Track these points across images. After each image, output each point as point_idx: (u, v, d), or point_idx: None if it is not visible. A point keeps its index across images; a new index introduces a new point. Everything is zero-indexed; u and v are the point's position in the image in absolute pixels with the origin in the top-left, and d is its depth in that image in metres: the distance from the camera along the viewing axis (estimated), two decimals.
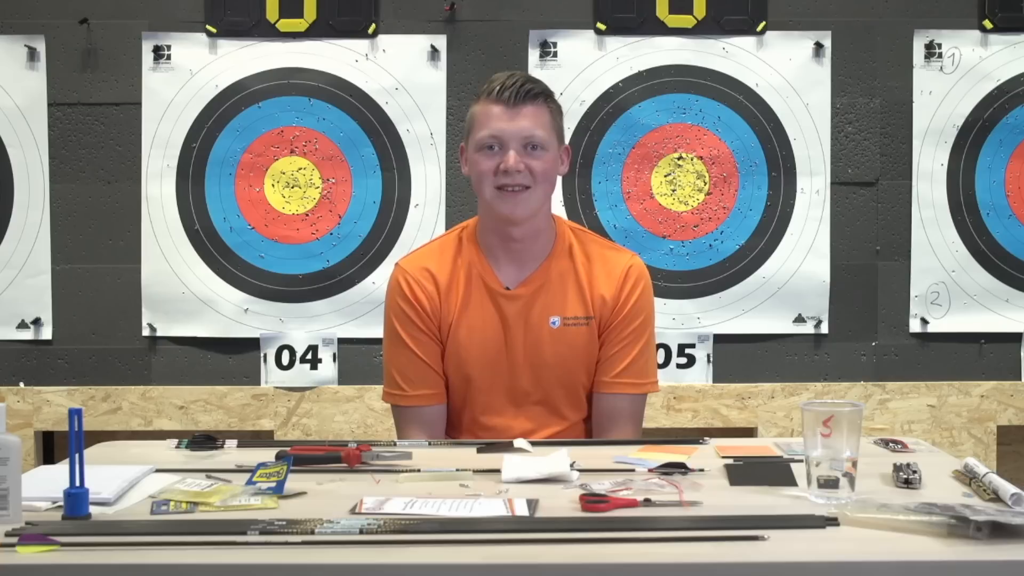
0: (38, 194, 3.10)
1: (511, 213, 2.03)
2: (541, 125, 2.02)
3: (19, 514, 1.40)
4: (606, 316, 2.09)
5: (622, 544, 1.30)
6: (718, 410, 3.10)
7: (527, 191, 2.01)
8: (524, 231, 2.07)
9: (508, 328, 2.08)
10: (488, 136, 2.02)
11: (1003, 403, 3.11)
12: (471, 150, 2.06)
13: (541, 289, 2.08)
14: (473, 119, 2.07)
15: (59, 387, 3.09)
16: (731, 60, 3.09)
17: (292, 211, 3.11)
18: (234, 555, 1.28)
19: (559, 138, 2.09)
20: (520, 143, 2.01)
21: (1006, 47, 3.10)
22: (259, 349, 3.12)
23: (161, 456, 1.85)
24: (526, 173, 2.00)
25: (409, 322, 2.09)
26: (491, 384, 2.08)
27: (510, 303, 2.08)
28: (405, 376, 2.09)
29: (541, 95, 2.05)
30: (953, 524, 1.31)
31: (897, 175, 3.12)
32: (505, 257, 2.09)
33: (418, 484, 1.62)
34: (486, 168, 2.02)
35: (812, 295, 3.12)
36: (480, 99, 2.06)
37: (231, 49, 3.09)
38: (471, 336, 2.08)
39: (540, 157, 2.02)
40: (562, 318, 2.08)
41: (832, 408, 1.49)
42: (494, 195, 2.02)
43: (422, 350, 2.08)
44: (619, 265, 2.12)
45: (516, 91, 2.01)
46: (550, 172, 2.05)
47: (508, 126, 2.01)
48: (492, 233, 2.09)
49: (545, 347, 2.07)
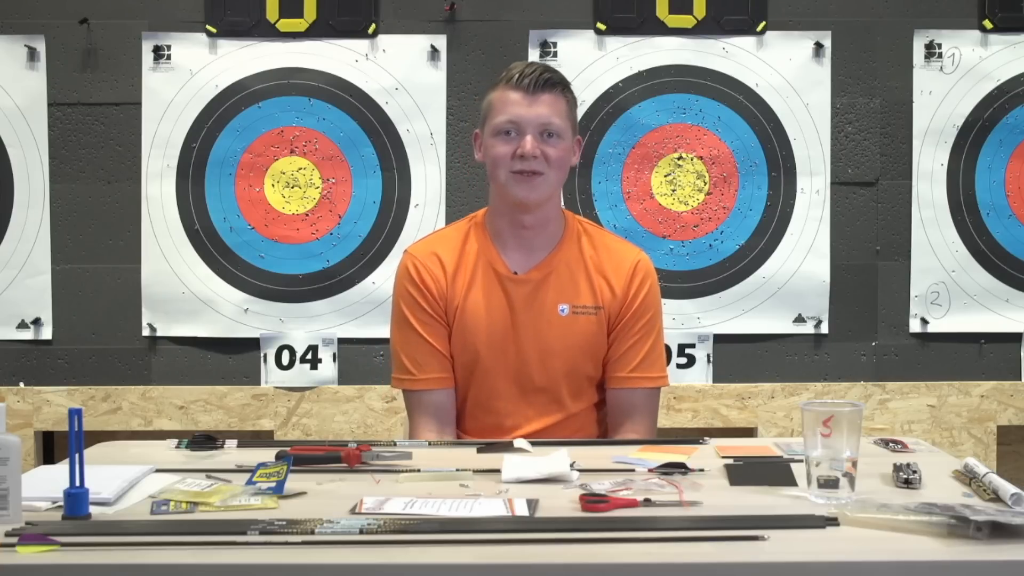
0: (38, 194, 3.10)
1: (525, 197, 2.05)
2: (558, 113, 2.05)
3: (19, 514, 1.40)
4: (615, 309, 2.11)
5: (622, 544, 1.30)
6: (718, 410, 3.10)
7: (540, 177, 2.04)
8: (535, 218, 2.09)
9: (515, 313, 2.09)
10: (506, 121, 2.04)
11: (1003, 403, 3.11)
12: (487, 135, 2.09)
13: (550, 276, 2.10)
14: (490, 105, 2.09)
15: (59, 387, 3.09)
16: (731, 60, 3.09)
17: (292, 211, 3.11)
18: (234, 555, 1.27)
19: (574, 128, 2.12)
20: (537, 130, 2.03)
21: (1006, 47, 3.10)
22: (259, 349, 3.12)
23: (161, 456, 1.85)
24: (541, 159, 2.03)
25: (417, 306, 2.10)
26: (496, 367, 2.09)
27: (518, 288, 2.09)
28: (414, 360, 2.11)
29: (559, 84, 2.08)
30: (953, 524, 1.31)
31: (897, 175, 3.12)
32: (514, 243, 2.12)
33: (418, 484, 1.62)
34: (502, 153, 2.04)
35: (812, 295, 3.12)
36: (498, 86, 2.08)
37: (231, 49, 3.09)
38: (477, 318, 2.09)
39: (556, 145, 2.05)
40: (571, 306, 2.09)
41: (832, 408, 1.49)
42: (509, 179, 2.05)
43: (430, 334, 2.10)
44: (627, 259, 2.14)
45: (536, 79, 2.04)
46: (564, 160, 2.08)
47: (526, 112, 2.03)
48: (503, 219, 2.11)
49: (553, 334, 2.09)
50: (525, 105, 2.03)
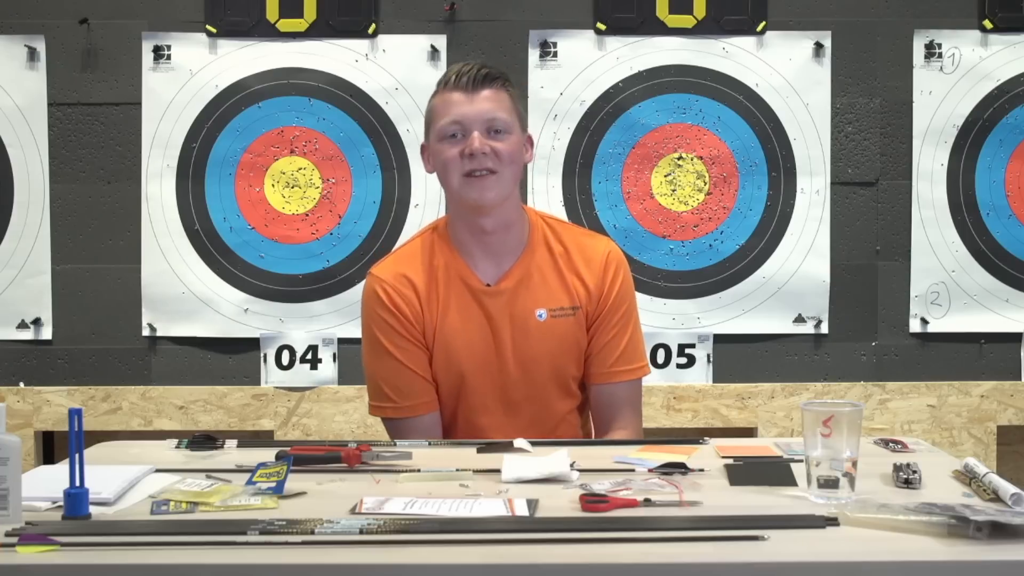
0: (38, 194, 3.10)
1: (480, 198, 2.00)
2: (502, 108, 2.01)
3: (19, 514, 1.40)
4: (592, 306, 2.08)
5: (622, 544, 1.30)
6: (718, 410, 3.10)
7: (494, 176, 1.99)
8: (495, 222, 2.04)
9: (494, 325, 2.06)
10: (450, 123, 2.00)
11: (1003, 403, 3.11)
12: (433, 142, 2.04)
13: (523, 283, 2.06)
14: (433, 111, 2.06)
15: (59, 387, 3.09)
16: (731, 60, 3.09)
17: (292, 211, 3.11)
18: (234, 555, 1.28)
19: (522, 124, 2.08)
20: (483, 126, 1.99)
21: (1006, 47, 3.10)
22: (259, 349, 3.12)
23: (161, 456, 1.85)
24: (492, 156, 1.98)
25: (392, 331, 2.05)
26: (483, 383, 2.07)
27: (493, 300, 2.06)
28: (393, 387, 2.06)
29: (499, 79, 2.04)
30: (953, 524, 1.31)
31: (897, 175, 3.12)
32: (480, 253, 2.07)
33: (418, 484, 1.62)
34: (451, 155, 2.00)
35: (812, 295, 3.12)
36: (437, 92, 2.06)
37: (231, 49, 3.09)
38: (457, 337, 2.05)
39: (504, 140, 2.00)
40: (548, 310, 2.06)
41: (832, 408, 1.49)
42: (461, 183, 2.00)
43: (408, 359, 2.05)
44: (597, 252, 2.11)
45: (473, 76, 2.00)
46: (516, 155, 2.03)
47: (469, 109, 1.99)
48: (463, 228, 2.06)
49: (533, 341, 2.06)
50: (467, 103, 1.99)
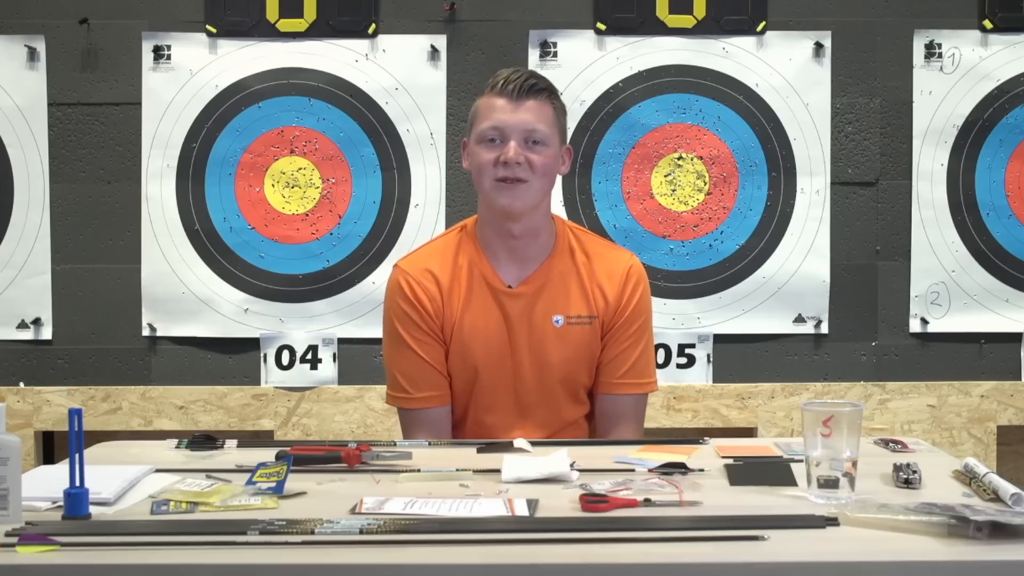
0: (38, 194, 3.10)
1: (509, 205, 2.02)
2: (543, 120, 2.03)
3: (19, 514, 1.40)
4: (609, 316, 2.10)
5: (622, 544, 1.30)
6: (718, 410, 3.10)
7: (524, 184, 2.01)
8: (523, 228, 2.06)
9: (512, 326, 2.07)
10: (490, 128, 2.02)
11: (1003, 403, 3.11)
12: (473, 142, 2.07)
13: (543, 288, 2.08)
14: (476, 112, 2.08)
15: (59, 387, 3.09)
16: (731, 60, 3.09)
17: (292, 211, 3.11)
18: (234, 555, 1.27)
19: (561, 136, 2.09)
20: (521, 136, 2.01)
21: (1006, 47, 3.10)
22: (259, 349, 3.12)
23: (161, 456, 1.85)
24: (525, 166, 2.00)
25: (412, 324, 2.08)
26: (496, 383, 2.08)
27: (513, 301, 2.08)
28: (409, 378, 2.09)
29: (545, 91, 2.06)
30: (953, 524, 1.31)
31: (897, 175, 3.12)
32: (506, 255, 2.09)
33: (418, 484, 1.62)
34: (486, 160, 2.02)
35: (812, 295, 3.12)
36: (484, 93, 2.07)
37: (231, 49, 3.09)
38: (475, 335, 2.07)
39: (540, 152, 2.02)
40: (565, 317, 2.08)
41: (832, 408, 1.49)
42: (493, 187, 2.02)
43: (426, 352, 2.08)
44: (620, 265, 2.12)
45: (520, 85, 2.02)
46: (550, 168, 2.05)
47: (510, 118, 2.01)
48: (492, 230, 2.09)
49: (549, 346, 2.08)
50: (509, 111, 2.01)
